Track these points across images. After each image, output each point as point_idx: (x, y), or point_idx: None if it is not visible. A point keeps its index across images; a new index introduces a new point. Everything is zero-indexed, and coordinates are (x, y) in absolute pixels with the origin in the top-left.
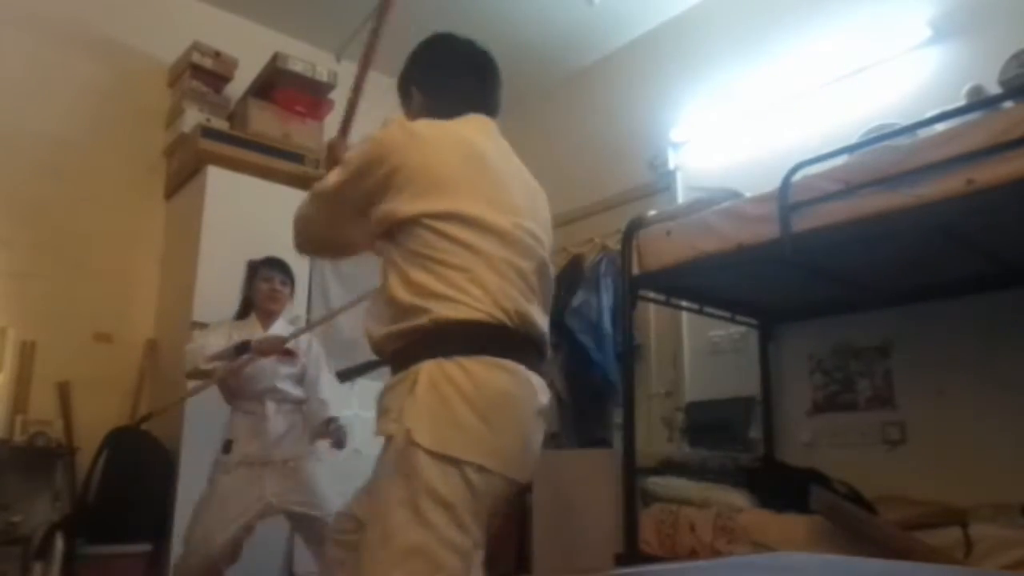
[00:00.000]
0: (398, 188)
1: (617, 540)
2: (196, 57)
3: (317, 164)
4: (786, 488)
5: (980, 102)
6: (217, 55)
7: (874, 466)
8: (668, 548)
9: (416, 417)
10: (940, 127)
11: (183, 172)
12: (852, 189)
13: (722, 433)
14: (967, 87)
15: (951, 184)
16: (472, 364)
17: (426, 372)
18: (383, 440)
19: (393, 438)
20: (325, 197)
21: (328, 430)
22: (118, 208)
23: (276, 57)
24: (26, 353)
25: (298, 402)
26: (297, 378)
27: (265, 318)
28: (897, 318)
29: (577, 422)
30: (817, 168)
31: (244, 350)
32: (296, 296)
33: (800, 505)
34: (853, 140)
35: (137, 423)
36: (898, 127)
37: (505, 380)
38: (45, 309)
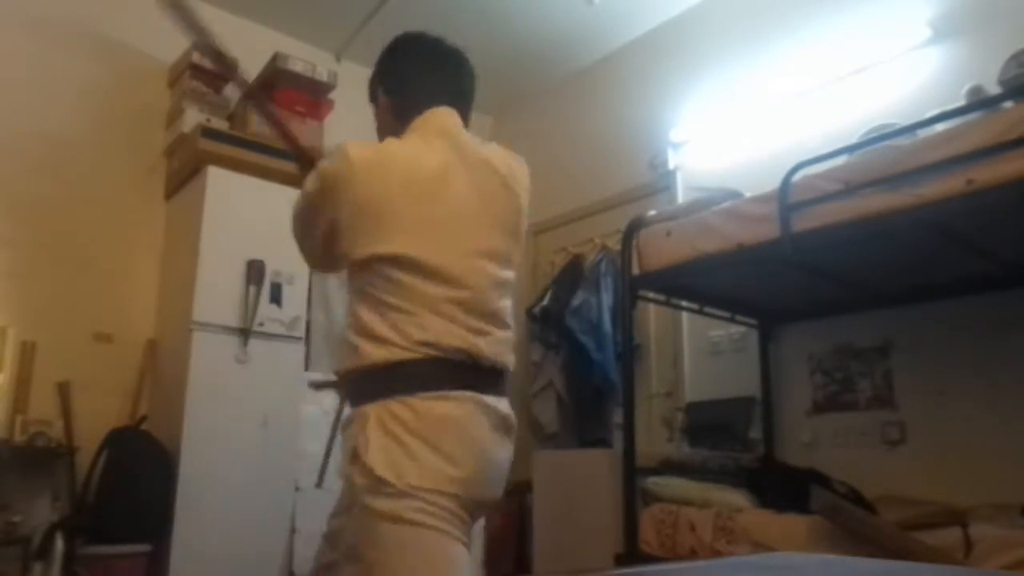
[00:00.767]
0: (347, 227)
1: (617, 540)
2: (196, 57)
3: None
4: (786, 488)
5: (980, 102)
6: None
7: (874, 466)
8: (668, 548)
9: (373, 455)
10: (940, 127)
11: (183, 172)
12: (852, 189)
13: (722, 433)
14: (967, 87)
15: (951, 184)
16: (413, 400)
17: (374, 413)
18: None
19: (352, 477)
20: (296, 212)
21: None
22: (118, 208)
23: (276, 57)
24: (26, 353)
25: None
26: None
27: None
28: (897, 318)
29: (577, 422)
30: (817, 168)
31: None
32: (295, 298)
33: (800, 505)
34: (853, 140)
35: (137, 423)
36: (898, 127)
37: (447, 407)
38: (45, 309)
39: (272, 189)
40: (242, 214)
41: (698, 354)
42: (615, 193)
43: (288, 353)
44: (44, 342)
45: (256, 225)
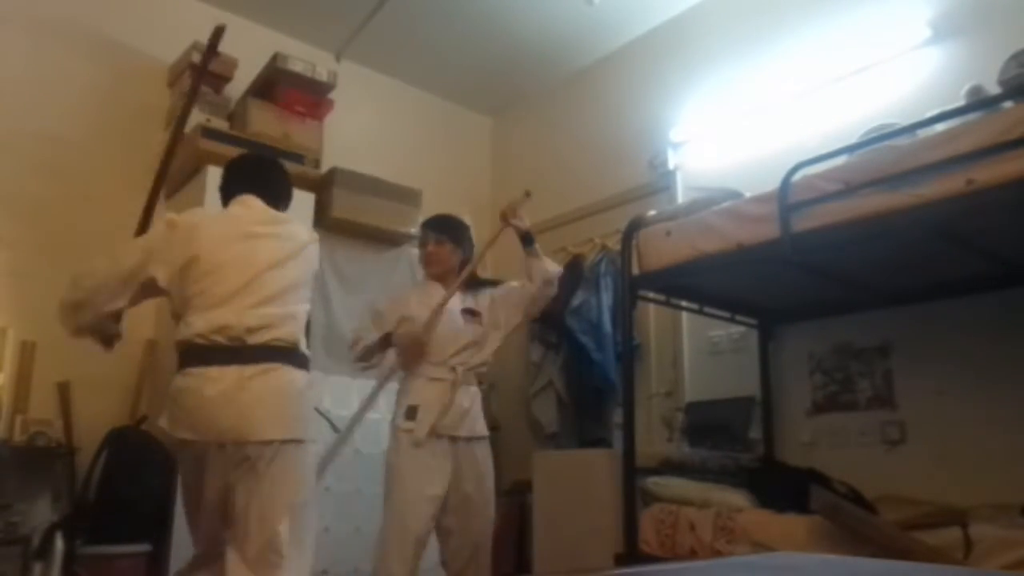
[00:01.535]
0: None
1: (617, 540)
2: (196, 57)
3: (317, 164)
4: (786, 488)
5: (980, 102)
6: (217, 55)
7: (874, 466)
8: (668, 548)
9: None
10: (940, 127)
11: (183, 172)
12: (852, 189)
13: (722, 433)
14: (967, 87)
15: (951, 184)
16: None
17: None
18: None
19: None
20: None
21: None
22: (118, 208)
23: (276, 57)
24: (26, 353)
25: (479, 368)
26: (478, 342)
27: (438, 280)
28: (897, 318)
29: (577, 422)
30: (817, 168)
31: (385, 345)
32: None
33: (800, 505)
34: (853, 140)
35: (137, 423)
36: (898, 127)
37: (184, 381)
38: (45, 309)
39: None
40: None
41: (698, 354)
42: (615, 193)
43: None
44: (44, 342)
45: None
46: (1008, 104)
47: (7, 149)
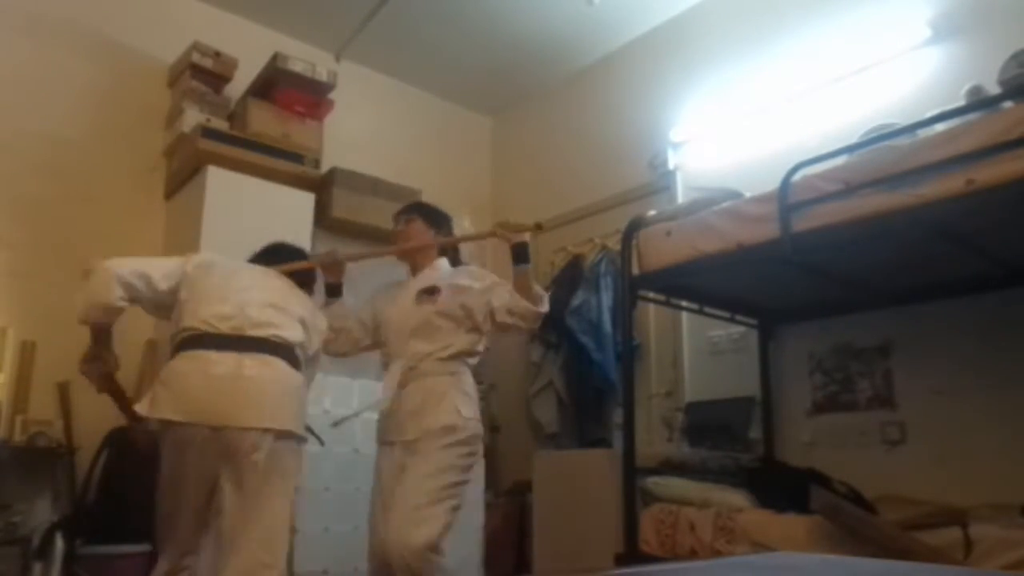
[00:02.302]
0: None
1: (617, 540)
2: (196, 57)
3: (317, 164)
4: (786, 488)
5: (980, 102)
6: (217, 55)
7: (874, 466)
8: (668, 548)
9: None
10: (940, 127)
11: (183, 172)
12: (852, 189)
13: (722, 433)
14: (967, 87)
15: (951, 184)
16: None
17: None
18: None
19: None
20: None
21: None
22: (118, 208)
23: (276, 57)
24: (26, 353)
25: (451, 357)
26: (430, 324)
27: (410, 265)
28: (897, 318)
29: (577, 422)
30: (817, 168)
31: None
32: None
33: (800, 505)
34: (853, 140)
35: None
36: (898, 127)
37: (182, 363)
38: (45, 309)
39: (272, 189)
40: (242, 214)
41: (698, 354)
42: (615, 193)
43: None
44: (44, 342)
45: (256, 225)
46: (1008, 104)
47: (7, 149)
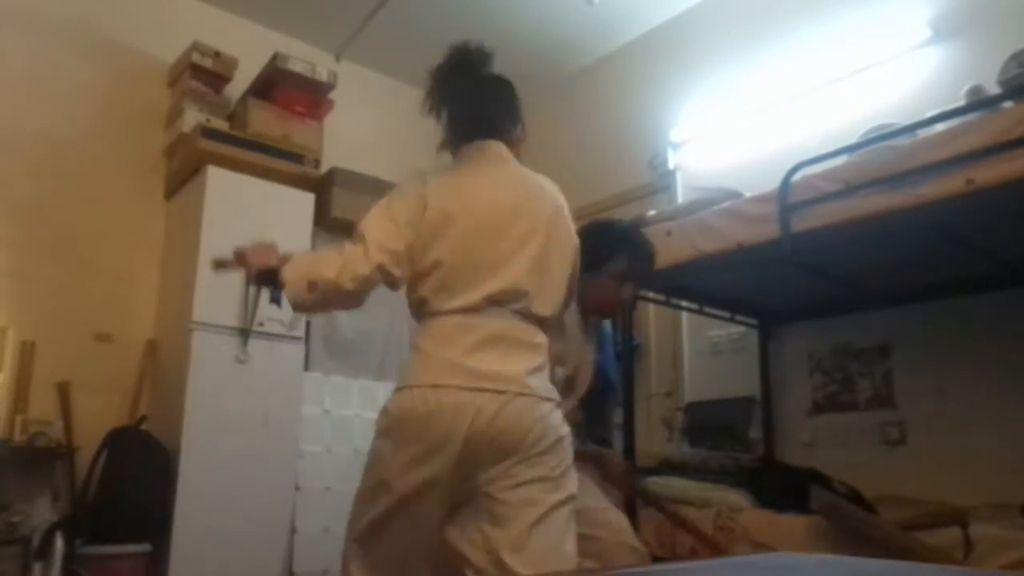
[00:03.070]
0: None
1: None
2: (196, 57)
3: (317, 164)
4: (786, 488)
5: (980, 102)
6: (217, 55)
7: (874, 466)
8: (668, 548)
9: None
10: (940, 127)
11: (183, 172)
12: (852, 189)
13: (722, 433)
14: (967, 87)
15: (951, 184)
16: None
17: None
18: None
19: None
20: None
21: None
22: (118, 208)
23: (276, 57)
24: (26, 353)
25: None
26: None
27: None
28: (897, 318)
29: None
30: (817, 168)
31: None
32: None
33: (800, 505)
34: (853, 140)
35: (137, 423)
36: (898, 127)
37: None
38: (45, 309)
39: (272, 189)
40: (242, 214)
41: (698, 354)
42: (615, 193)
43: (288, 353)
44: (44, 342)
45: (256, 225)
46: (1008, 104)
47: (7, 149)
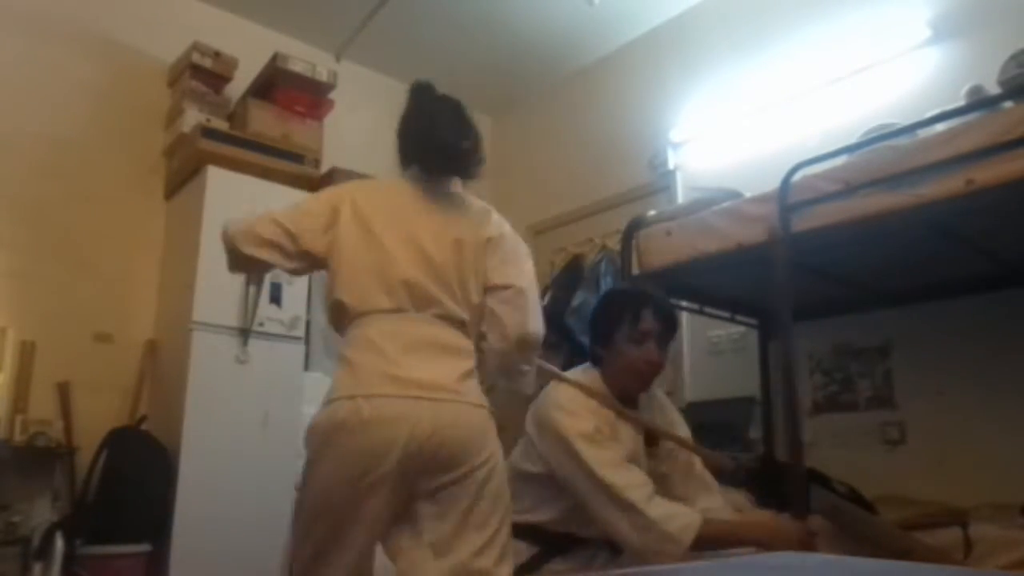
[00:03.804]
0: None
1: None
2: (196, 57)
3: (317, 164)
4: (786, 488)
5: (980, 102)
6: (217, 55)
7: (874, 466)
8: None
9: None
10: (940, 127)
11: (183, 172)
12: (852, 189)
13: (722, 433)
14: (967, 87)
15: (951, 184)
16: None
17: None
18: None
19: None
20: None
21: None
22: (118, 208)
23: (276, 57)
24: (26, 353)
25: None
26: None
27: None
28: (897, 318)
29: None
30: (817, 168)
31: None
32: (295, 298)
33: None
34: (853, 140)
35: (137, 423)
36: (898, 127)
37: None
38: (45, 309)
39: (272, 189)
40: (242, 214)
41: (698, 354)
42: (615, 193)
43: (288, 353)
44: (44, 342)
45: None
46: (1008, 104)
47: (7, 149)
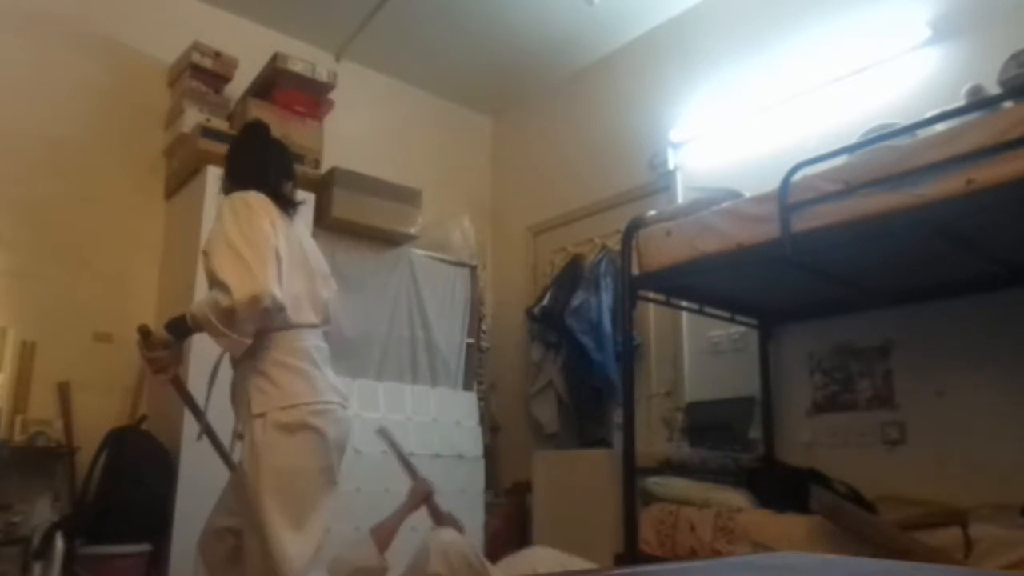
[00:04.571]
0: None
1: (617, 540)
2: (196, 57)
3: (317, 164)
4: (786, 488)
5: (980, 102)
6: (217, 55)
7: (874, 466)
8: (668, 548)
9: None
10: (940, 127)
11: (183, 172)
12: (852, 189)
13: (722, 433)
14: (967, 87)
15: (951, 184)
16: None
17: None
18: None
19: None
20: None
21: None
22: (118, 208)
23: (276, 57)
24: (26, 353)
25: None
26: None
27: None
28: (897, 318)
29: (577, 422)
30: (817, 168)
31: None
32: None
33: (800, 505)
34: (853, 140)
35: (137, 423)
36: (898, 127)
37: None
38: (45, 309)
39: None
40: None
41: (698, 354)
42: (615, 193)
43: None
44: (44, 342)
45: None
46: (1008, 104)
47: (7, 149)
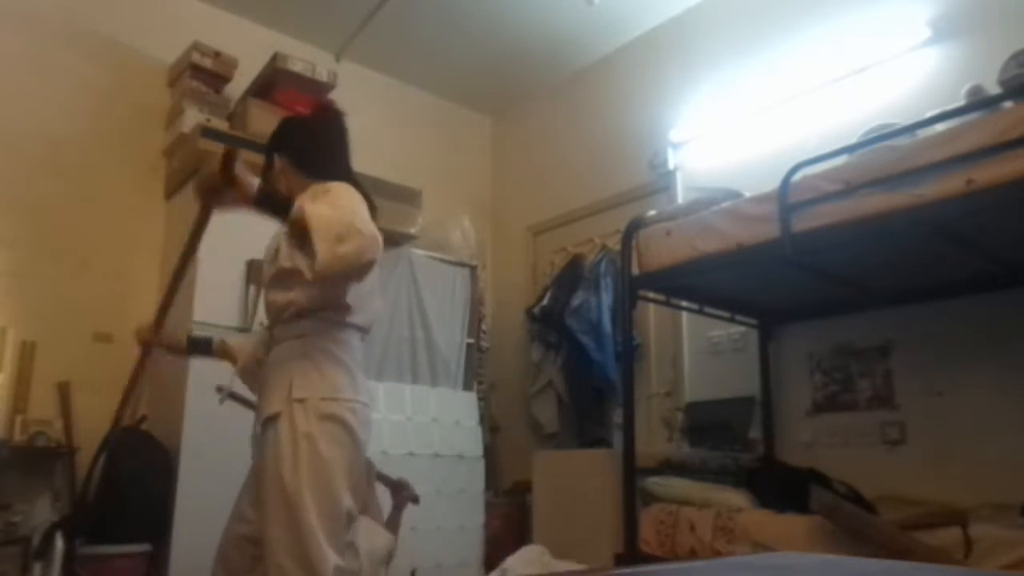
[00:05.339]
0: None
1: (617, 540)
2: (196, 57)
3: None
4: (786, 488)
5: (980, 102)
6: (217, 55)
7: (874, 466)
8: (668, 548)
9: None
10: (940, 127)
11: (183, 172)
12: (852, 189)
13: (722, 433)
14: (967, 87)
15: (951, 184)
16: None
17: None
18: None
19: None
20: None
21: None
22: (118, 208)
23: (276, 57)
24: (26, 353)
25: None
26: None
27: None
28: (897, 318)
29: (577, 422)
30: (817, 168)
31: None
32: None
33: (800, 505)
34: (853, 140)
35: (137, 423)
36: (898, 127)
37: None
38: (45, 309)
39: None
40: (242, 214)
41: (698, 354)
42: (615, 193)
43: None
44: (44, 342)
45: (256, 225)
46: (1008, 104)
47: (7, 149)
